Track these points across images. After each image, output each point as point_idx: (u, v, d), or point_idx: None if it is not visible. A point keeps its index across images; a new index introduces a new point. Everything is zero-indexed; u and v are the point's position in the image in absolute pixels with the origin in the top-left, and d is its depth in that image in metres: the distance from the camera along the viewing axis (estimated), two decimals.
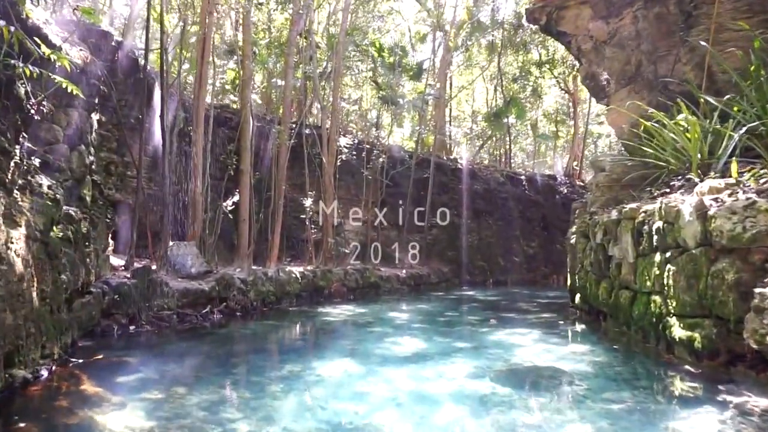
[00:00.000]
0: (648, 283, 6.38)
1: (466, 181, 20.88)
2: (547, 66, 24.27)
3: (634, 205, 7.11)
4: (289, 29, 14.50)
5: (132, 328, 7.91)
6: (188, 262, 10.16)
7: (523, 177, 23.16)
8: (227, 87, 19.56)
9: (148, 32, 9.99)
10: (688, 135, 7.93)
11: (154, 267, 10.10)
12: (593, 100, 26.71)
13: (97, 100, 8.85)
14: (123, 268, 9.61)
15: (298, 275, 12.85)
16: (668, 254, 5.80)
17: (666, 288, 5.79)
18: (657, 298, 6.11)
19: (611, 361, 6.10)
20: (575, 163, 26.07)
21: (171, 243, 10.44)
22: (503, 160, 26.08)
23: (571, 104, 27.83)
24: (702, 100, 8.14)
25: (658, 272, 6.04)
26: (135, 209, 9.65)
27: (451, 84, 27.72)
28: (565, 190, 23.79)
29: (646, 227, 6.45)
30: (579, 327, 8.99)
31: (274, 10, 19.47)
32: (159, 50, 11.12)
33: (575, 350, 6.92)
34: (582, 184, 25.46)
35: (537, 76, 24.97)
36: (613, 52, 12.66)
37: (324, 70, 18.35)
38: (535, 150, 29.02)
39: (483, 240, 20.61)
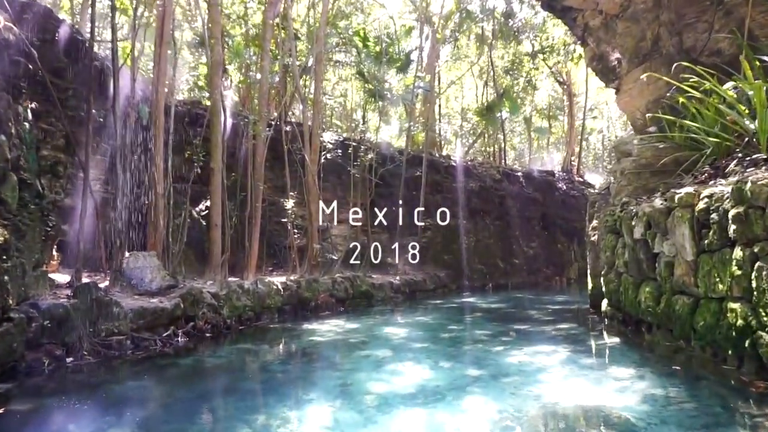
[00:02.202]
0: (720, 287, 4.98)
1: (461, 179, 19.47)
2: (541, 56, 22.99)
3: (689, 189, 5.72)
4: (264, 10, 13.00)
5: (70, 360, 6.38)
6: (147, 276, 8.63)
7: (520, 173, 21.82)
8: (200, 83, 18.08)
9: (94, 7, 8.49)
10: (742, 106, 6.60)
11: (106, 283, 8.57)
12: (589, 92, 25.60)
13: (27, 84, 7.31)
14: (68, 285, 8.07)
15: (280, 286, 11.35)
16: (756, 248, 4.41)
17: (756, 293, 4.39)
18: (737, 306, 4.70)
19: (674, 392, 4.68)
20: (573, 159, 24.81)
21: (127, 254, 8.90)
22: (497, 156, 24.74)
23: (565, 97, 26.61)
24: (758, 63, 6.79)
25: (739, 272, 4.64)
26: (81, 215, 8.11)
27: (439, 79, 26.40)
28: (565, 187, 22.52)
29: (714, 215, 5.06)
30: (611, 340, 7.59)
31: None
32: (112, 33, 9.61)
33: (619, 375, 5.48)
34: (581, 179, 24.24)
35: (531, 67, 23.68)
36: (626, 26, 11.36)
37: (305, 63, 16.89)
38: (529, 146, 27.72)
39: (480, 241, 19.21)
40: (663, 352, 6.16)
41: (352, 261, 15.60)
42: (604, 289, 8.46)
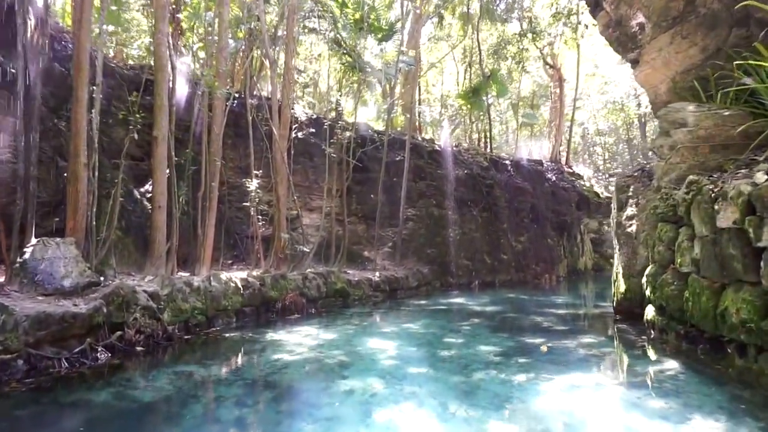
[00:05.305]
0: None
1: (447, 166, 17.61)
2: (531, 36, 21.27)
3: None
4: None
5: None
6: (59, 270, 6.53)
7: (508, 162, 20.07)
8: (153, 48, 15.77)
9: None
10: None
11: (2, 279, 6.45)
12: (581, 76, 24.11)
13: None
14: None
15: (240, 284, 9.35)
16: None
17: None
18: None
19: None
20: (561, 148, 23.23)
21: (34, 241, 6.77)
22: (482, 143, 22.95)
23: (552, 85, 25.02)
24: None
25: None
26: None
27: (419, 61, 24.51)
28: (554, 178, 20.91)
29: None
30: (669, 363, 5.77)
31: None
32: None
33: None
34: (570, 170, 22.73)
35: (521, 48, 21.93)
36: None
37: (274, 32, 14.77)
38: (517, 134, 26.01)
39: (466, 234, 17.40)
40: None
41: (325, 254, 13.68)
42: (649, 292, 6.71)
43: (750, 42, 8.26)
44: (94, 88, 7.81)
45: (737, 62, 6.58)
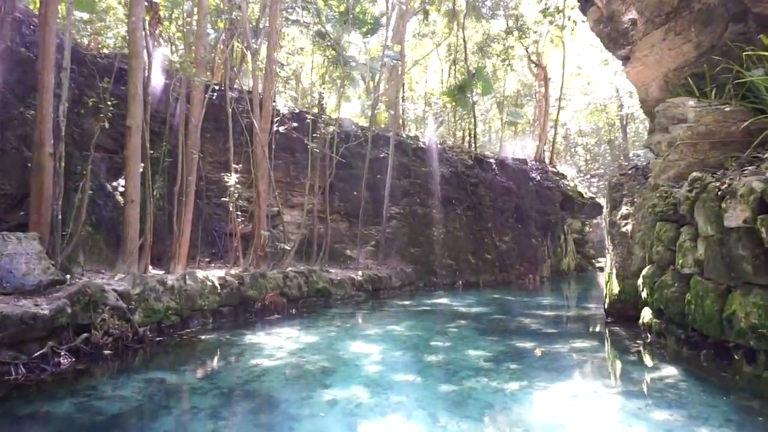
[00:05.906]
0: None
1: (432, 163, 17.31)
2: (517, 33, 21.04)
3: None
4: None
5: None
6: (20, 267, 6.06)
7: (493, 160, 19.82)
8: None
9: None
10: None
11: None
12: (565, 75, 23.96)
13: None
14: None
15: (217, 282, 8.92)
16: None
17: None
18: None
19: None
20: (546, 147, 23.07)
21: None
22: (467, 141, 22.67)
23: (536, 84, 24.87)
24: None
25: None
26: None
27: (403, 57, 24.17)
28: (539, 177, 20.72)
29: None
30: (668, 370, 5.49)
31: None
32: None
33: None
34: (555, 170, 22.58)
35: (506, 46, 21.70)
36: None
37: (256, 24, 14.31)
38: (501, 132, 25.82)
39: (450, 233, 17.13)
40: None
41: (306, 253, 13.27)
42: (646, 294, 6.45)
43: (747, 38, 8.07)
44: (62, 74, 7.31)
45: (746, 53, 6.34)
